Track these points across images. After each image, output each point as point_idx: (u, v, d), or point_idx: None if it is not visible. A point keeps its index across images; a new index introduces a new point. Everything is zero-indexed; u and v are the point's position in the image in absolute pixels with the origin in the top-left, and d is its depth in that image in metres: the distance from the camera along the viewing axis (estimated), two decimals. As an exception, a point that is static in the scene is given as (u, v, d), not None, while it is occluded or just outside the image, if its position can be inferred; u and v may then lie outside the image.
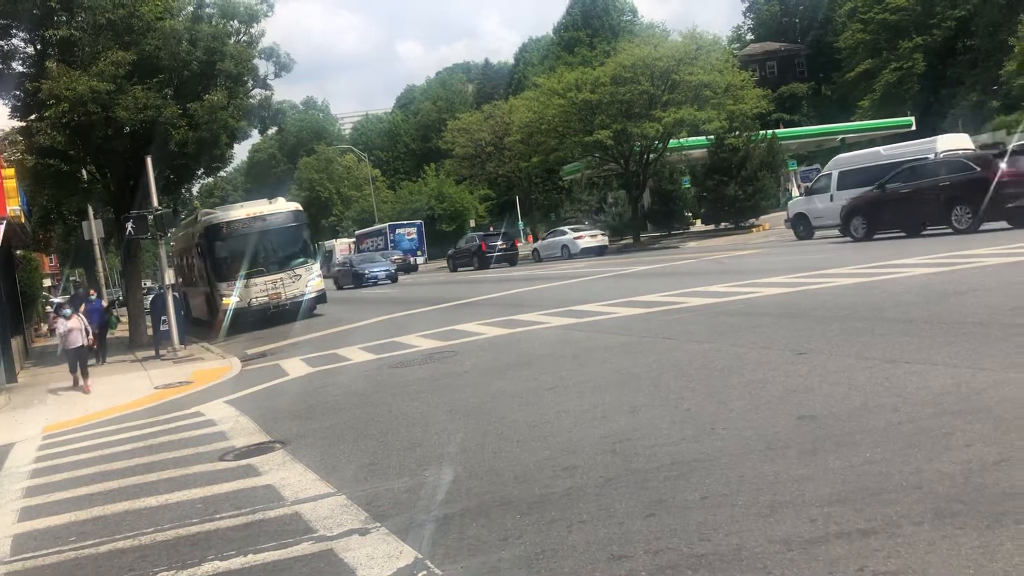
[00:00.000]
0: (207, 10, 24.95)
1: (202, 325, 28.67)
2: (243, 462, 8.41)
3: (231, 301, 25.26)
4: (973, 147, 27.16)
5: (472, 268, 47.33)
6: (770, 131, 48.03)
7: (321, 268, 30.92)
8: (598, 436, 7.13)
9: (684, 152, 49.40)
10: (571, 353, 11.86)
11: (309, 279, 26.60)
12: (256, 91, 26.90)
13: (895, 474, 5.13)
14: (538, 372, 10.77)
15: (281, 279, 25.95)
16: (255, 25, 25.28)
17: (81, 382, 16.43)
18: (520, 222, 71.09)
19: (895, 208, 23.48)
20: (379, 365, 13.95)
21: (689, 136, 47.00)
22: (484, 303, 22.22)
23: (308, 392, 12.52)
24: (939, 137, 27.72)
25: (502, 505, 5.79)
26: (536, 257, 46.55)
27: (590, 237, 43.70)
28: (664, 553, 4.56)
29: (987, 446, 5.36)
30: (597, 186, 62.49)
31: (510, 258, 46.29)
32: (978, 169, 21.44)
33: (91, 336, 16.74)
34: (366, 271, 44.03)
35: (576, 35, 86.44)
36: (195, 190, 47.22)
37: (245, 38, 25.35)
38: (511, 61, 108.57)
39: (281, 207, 27.44)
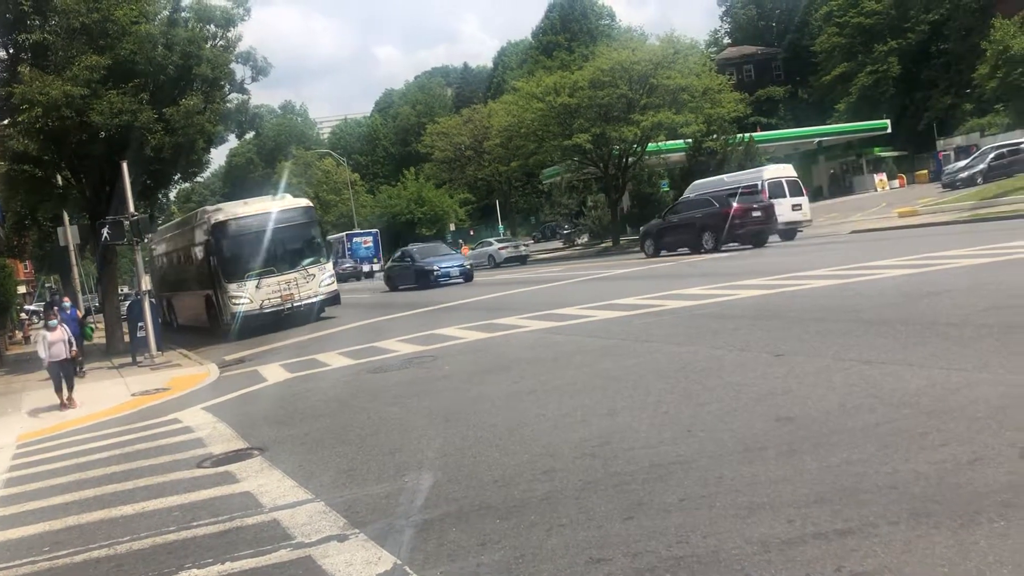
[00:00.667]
0: (183, 14, 24.79)
1: (194, 332, 27.54)
2: (221, 469, 8.34)
3: (240, 303, 23.57)
4: (795, 175, 32.60)
5: None
6: (747, 134, 48.36)
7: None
8: (577, 439, 7.14)
9: (662, 155, 49.63)
10: (550, 356, 11.86)
11: (322, 279, 24.97)
12: (233, 95, 26.76)
13: (872, 474, 5.17)
14: (518, 376, 10.76)
15: (295, 279, 24.30)
16: (231, 29, 25.17)
17: (67, 396, 15.18)
18: (500, 226, 71.12)
19: (671, 233, 30.90)
20: (358, 370, 13.90)
21: (667, 139, 47.24)
22: (463, 307, 22.19)
23: (286, 398, 12.45)
24: (765, 168, 33.91)
25: (481, 510, 5.78)
26: None
27: (512, 248, 48.75)
28: (643, 556, 4.56)
29: (961, 446, 5.41)
30: (577, 189, 62.74)
31: None
32: (717, 206, 28.40)
33: (74, 348, 15.55)
34: (435, 267, 34.01)
35: (554, 39, 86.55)
36: (172, 195, 46.99)
37: (221, 42, 25.21)
38: (490, 65, 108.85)
39: (291, 203, 26.02)
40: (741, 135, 47.34)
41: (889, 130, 59.47)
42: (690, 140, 45.48)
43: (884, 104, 64.99)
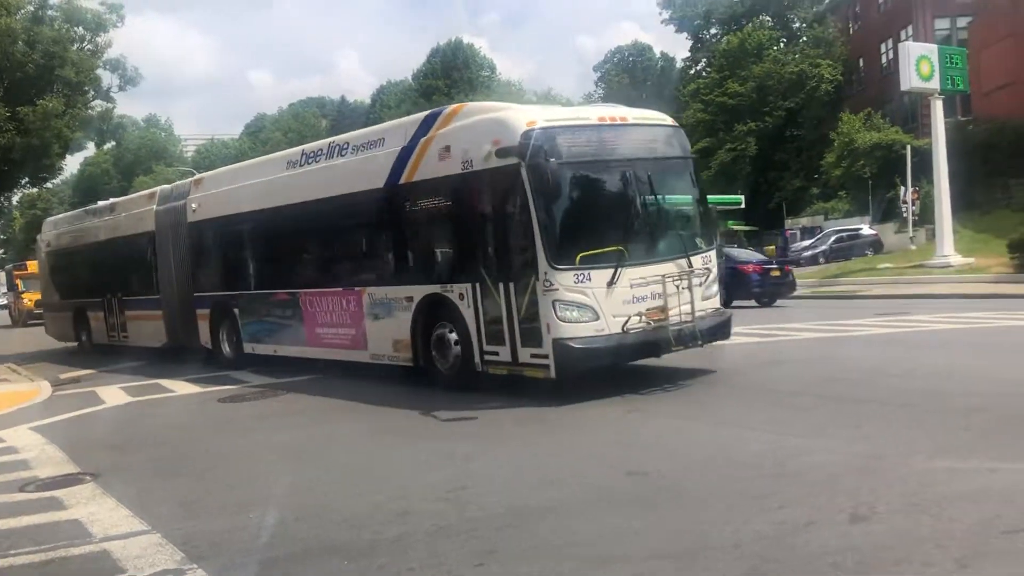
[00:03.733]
0: (50, 12, 23.67)
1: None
2: (47, 494, 7.78)
3: (578, 318, 9.93)
4: None
5: None
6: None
7: None
8: (433, 482, 7.08)
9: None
10: (409, 398, 11.74)
11: (708, 281, 11.44)
12: (97, 102, 25.66)
13: (715, 533, 5.35)
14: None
15: (682, 276, 10.79)
16: (102, 34, 24.22)
17: None
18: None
19: None
20: (206, 399, 13.33)
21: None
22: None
23: (126, 422, 11.81)
24: None
25: (328, 550, 5.63)
26: None
27: None
28: (493, 603, 4.55)
29: (798, 508, 5.69)
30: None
31: None
32: None
33: None
34: None
35: (435, 83, 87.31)
36: (15, 199, 43.77)
37: (90, 46, 24.19)
38: (367, 101, 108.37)
39: (649, 116, 12.08)
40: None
41: (743, 205, 62.68)
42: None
43: (740, 181, 68.45)
